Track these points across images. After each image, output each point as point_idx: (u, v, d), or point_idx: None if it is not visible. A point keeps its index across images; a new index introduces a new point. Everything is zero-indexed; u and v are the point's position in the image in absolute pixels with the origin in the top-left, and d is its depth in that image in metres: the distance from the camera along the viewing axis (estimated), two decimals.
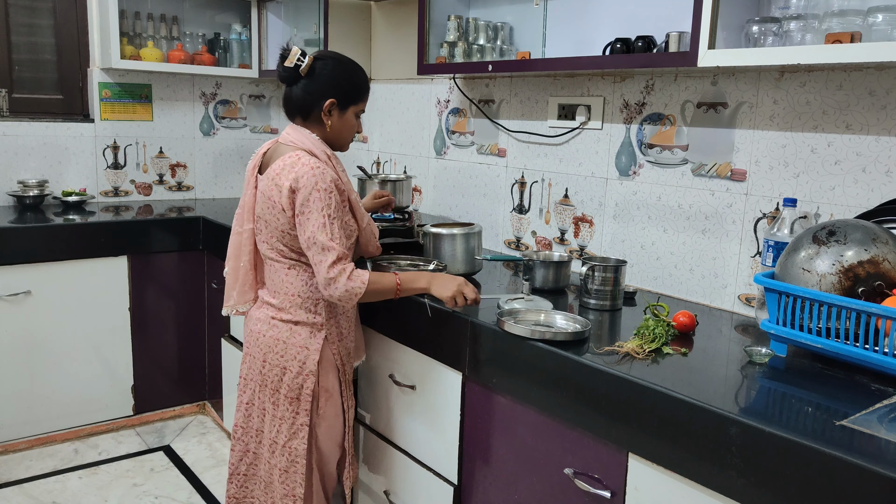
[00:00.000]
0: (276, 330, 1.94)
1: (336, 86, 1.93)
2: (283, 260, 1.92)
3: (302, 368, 1.92)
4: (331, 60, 1.95)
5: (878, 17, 1.52)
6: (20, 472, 2.93)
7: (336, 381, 1.97)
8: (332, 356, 1.96)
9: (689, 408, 1.35)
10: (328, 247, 1.79)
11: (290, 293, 1.92)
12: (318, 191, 1.80)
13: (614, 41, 2.11)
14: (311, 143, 1.91)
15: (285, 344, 1.93)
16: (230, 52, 3.84)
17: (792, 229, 1.75)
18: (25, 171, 3.45)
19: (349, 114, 1.96)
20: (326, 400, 1.97)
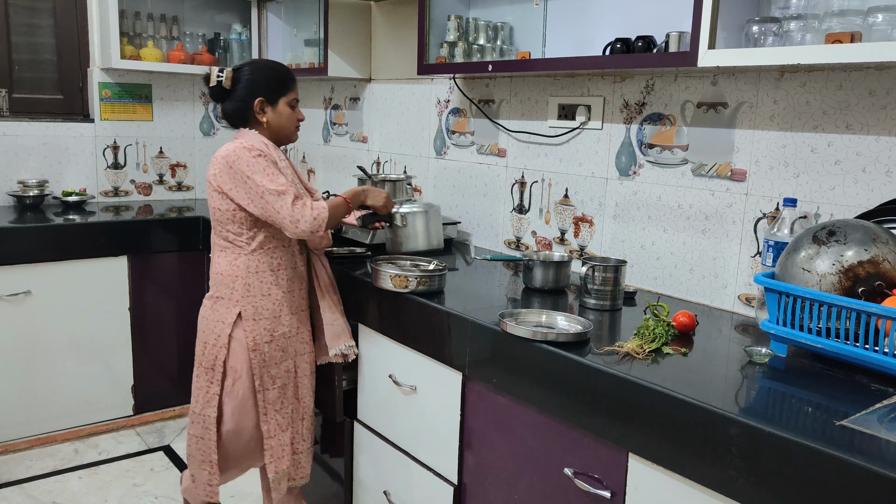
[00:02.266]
0: (205, 308, 2.14)
1: (259, 85, 2.10)
2: (217, 243, 2.12)
3: (216, 341, 2.08)
4: (247, 66, 2.14)
5: (878, 17, 1.52)
6: (20, 472, 2.93)
7: (245, 364, 2.07)
8: (243, 337, 2.06)
9: (689, 408, 1.35)
10: (282, 191, 1.96)
11: (216, 271, 2.11)
12: (251, 156, 1.99)
13: (614, 41, 2.11)
14: (254, 139, 2.07)
15: (207, 319, 2.11)
16: (230, 52, 3.84)
17: (792, 229, 1.75)
18: (25, 171, 3.45)
19: (281, 106, 2.12)
20: (234, 380, 2.08)
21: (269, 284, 2.09)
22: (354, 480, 2.39)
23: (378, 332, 2.19)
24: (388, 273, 2.04)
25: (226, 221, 2.06)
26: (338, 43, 3.23)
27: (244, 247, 2.07)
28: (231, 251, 2.08)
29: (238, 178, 1.99)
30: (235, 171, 1.99)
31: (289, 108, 2.14)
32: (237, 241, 2.07)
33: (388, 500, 2.21)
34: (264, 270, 2.08)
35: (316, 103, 3.82)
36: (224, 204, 2.04)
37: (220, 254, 2.11)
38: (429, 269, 2.15)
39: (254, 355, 2.07)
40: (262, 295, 2.08)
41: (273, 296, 2.09)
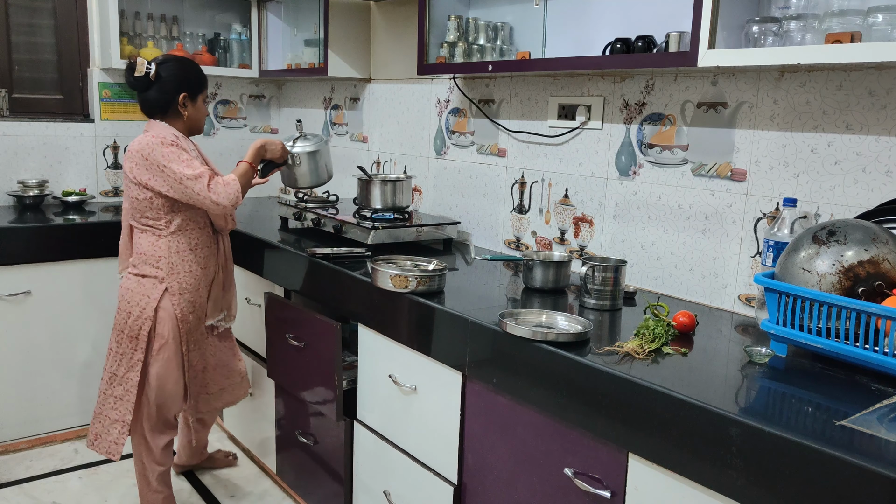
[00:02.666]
0: (128, 282, 2.38)
1: (184, 81, 2.34)
2: (137, 227, 2.36)
3: (142, 313, 2.33)
4: (171, 62, 2.35)
5: (878, 17, 1.52)
6: (20, 472, 2.93)
7: (173, 329, 2.36)
8: (171, 307, 2.35)
9: (689, 408, 1.35)
10: (197, 175, 2.19)
11: (139, 252, 2.36)
12: (165, 147, 2.21)
13: (614, 41, 2.11)
14: (165, 131, 2.30)
15: (132, 292, 2.35)
16: (230, 52, 3.84)
17: (792, 229, 1.75)
18: (25, 171, 3.45)
19: (199, 102, 2.40)
20: (161, 345, 2.35)
21: (189, 262, 2.38)
22: (354, 480, 2.39)
23: (378, 332, 2.19)
24: (388, 273, 2.04)
25: (144, 209, 2.30)
26: (338, 43, 3.23)
27: (164, 230, 2.33)
28: (151, 233, 2.34)
29: (155, 169, 2.21)
30: (151, 162, 2.21)
31: (203, 104, 2.43)
32: (157, 225, 2.32)
33: (388, 500, 2.21)
34: (184, 251, 2.36)
35: (316, 103, 3.82)
36: (141, 193, 2.27)
37: (141, 235, 2.36)
38: (429, 269, 2.15)
39: (181, 324, 2.38)
40: (184, 272, 2.37)
41: (193, 272, 2.39)
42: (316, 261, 2.44)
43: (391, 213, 2.72)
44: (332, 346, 2.29)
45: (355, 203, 2.89)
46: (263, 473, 3.00)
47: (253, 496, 2.83)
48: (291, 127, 4.05)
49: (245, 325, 3.02)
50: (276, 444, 2.80)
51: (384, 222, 2.61)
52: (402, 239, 2.62)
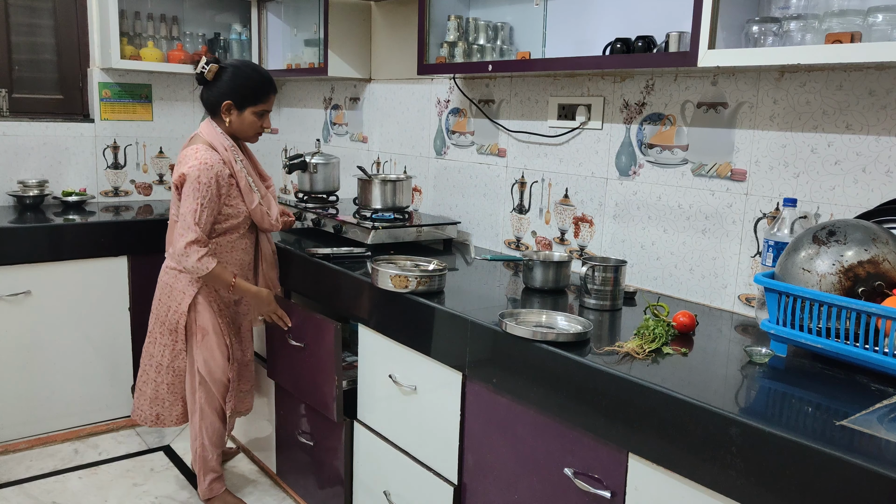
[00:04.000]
0: (167, 276, 2.48)
1: (232, 90, 2.38)
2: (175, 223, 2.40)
3: (178, 307, 2.45)
4: (231, 68, 2.40)
5: (878, 17, 1.52)
6: (20, 472, 2.93)
7: (213, 322, 2.46)
8: (207, 302, 2.45)
9: (689, 408, 1.35)
10: (192, 228, 2.27)
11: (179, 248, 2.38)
12: (198, 182, 2.27)
13: (614, 41, 2.11)
14: (214, 137, 2.38)
15: (171, 287, 2.46)
16: (230, 52, 3.84)
17: (792, 229, 1.75)
18: (25, 171, 3.45)
19: (247, 113, 2.41)
20: (203, 336, 2.47)
21: (224, 263, 2.42)
22: (354, 480, 2.39)
23: (378, 332, 2.19)
24: (388, 273, 2.04)
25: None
26: (338, 43, 3.23)
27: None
28: None
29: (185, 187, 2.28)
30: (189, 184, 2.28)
31: (254, 116, 2.42)
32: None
33: (388, 500, 2.21)
34: (224, 252, 2.43)
35: (316, 103, 3.82)
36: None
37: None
38: (429, 270, 2.15)
39: (221, 318, 2.48)
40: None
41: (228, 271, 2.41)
42: (316, 261, 2.44)
43: (391, 213, 2.72)
44: (332, 347, 2.29)
45: (355, 203, 2.90)
46: (263, 473, 3.00)
47: (253, 496, 2.83)
48: (291, 127, 4.05)
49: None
50: (276, 444, 2.80)
51: (384, 222, 2.61)
52: (402, 239, 2.62)
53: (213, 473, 2.65)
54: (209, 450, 2.60)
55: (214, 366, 2.50)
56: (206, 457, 2.61)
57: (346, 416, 2.37)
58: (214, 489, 2.66)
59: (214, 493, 2.66)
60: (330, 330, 2.30)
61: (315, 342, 2.39)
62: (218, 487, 2.67)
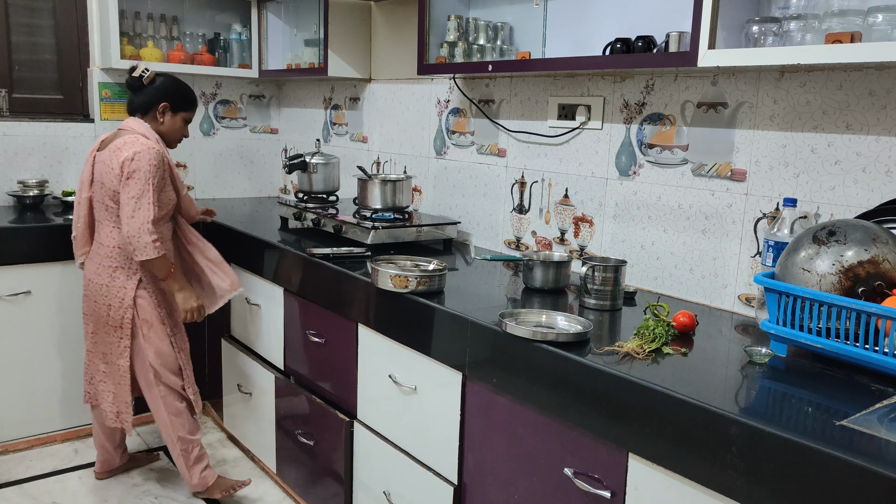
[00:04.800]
0: (102, 276, 2.52)
1: (171, 94, 2.56)
2: (109, 219, 2.49)
3: (121, 303, 2.50)
4: (170, 77, 2.61)
5: (878, 17, 1.52)
6: (20, 472, 2.93)
7: (155, 313, 2.53)
8: (148, 295, 2.52)
9: (689, 408, 1.35)
10: (148, 208, 2.36)
11: (110, 245, 2.50)
12: (150, 165, 2.38)
13: (614, 41, 2.11)
14: (147, 131, 2.50)
15: (108, 286, 2.51)
16: (230, 52, 3.84)
17: (792, 229, 1.75)
18: (25, 171, 3.45)
19: (178, 117, 2.59)
20: (149, 328, 2.53)
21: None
22: (354, 480, 2.39)
23: (378, 332, 2.19)
24: (388, 273, 2.04)
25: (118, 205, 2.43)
26: (338, 43, 3.23)
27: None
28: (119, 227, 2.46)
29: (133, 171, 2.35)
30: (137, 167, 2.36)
31: (182, 122, 2.61)
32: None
33: (388, 501, 2.21)
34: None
35: (316, 103, 3.82)
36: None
37: (113, 229, 2.49)
38: (429, 270, 2.15)
39: (160, 310, 2.55)
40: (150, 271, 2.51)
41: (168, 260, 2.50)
42: (316, 261, 2.44)
43: (391, 213, 2.72)
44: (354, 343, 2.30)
45: (355, 203, 2.90)
46: (263, 473, 3.00)
47: (253, 496, 2.83)
48: (291, 127, 4.05)
49: (245, 325, 3.02)
50: (276, 444, 2.80)
51: (384, 222, 2.62)
52: (402, 239, 2.62)
53: (201, 462, 2.65)
54: (188, 440, 2.62)
55: (166, 355, 2.56)
56: (188, 448, 2.62)
57: (346, 415, 2.37)
58: (207, 477, 2.66)
59: (209, 481, 2.66)
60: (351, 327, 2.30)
61: (336, 338, 2.40)
62: (211, 475, 2.67)
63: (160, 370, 2.55)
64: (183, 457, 2.63)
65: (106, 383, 2.62)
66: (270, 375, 2.78)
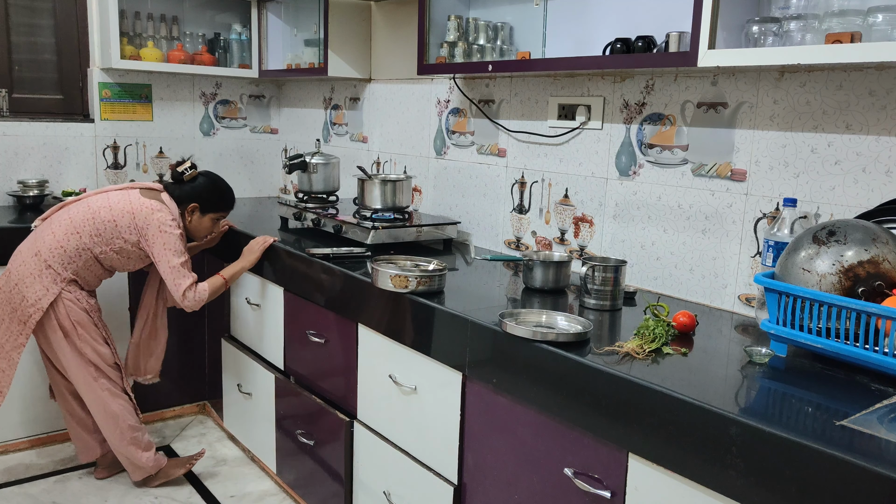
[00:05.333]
0: (29, 267, 2.53)
1: (202, 196, 2.67)
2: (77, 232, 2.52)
3: (35, 303, 2.52)
4: (207, 177, 2.71)
5: (878, 17, 1.52)
6: (20, 472, 2.93)
7: (84, 315, 2.58)
8: (75, 299, 2.56)
9: (689, 408, 1.35)
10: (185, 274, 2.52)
11: (58, 244, 2.52)
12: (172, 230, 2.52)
13: (614, 41, 2.11)
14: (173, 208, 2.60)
15: (33, 278, 2.52)
16: (230, 52, 3.84)
17: (792, 229, 1.75)
18: (25, 171, 3.45)
19: (207, 218, 2.71)
20: (83, 328, 2.58)
21: (95, 278, 2.64)
22: (354, 480, 2.39)
23: (378, 332, 2.19)
24: (388, 273, 2.04)
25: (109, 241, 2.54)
26: (338, 43, 3.23)
27: (99, 256, 2.57)
28: (82, 246, 2.54)
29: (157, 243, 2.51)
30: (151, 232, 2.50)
31: (210, 221, 2.72)
32: (96, 249, 2.55)
33: (388, 501, 2.21)
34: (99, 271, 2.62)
35: (316, 103, 3.82)
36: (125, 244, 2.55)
37: (72, 236, 2.52)
38: (429, 270, 2.15)
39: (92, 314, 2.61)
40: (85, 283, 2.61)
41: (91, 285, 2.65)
42: (316, 261, 2.44)
43: (391, 213, 2.72)
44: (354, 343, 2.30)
45: (355, 203, 2.90)
46: (263, 473, 3.00)
47: (253, 496, 2.83)
48: (291, 127, 4.05)
49: (245, 325, 3.02)
50: (276, 444, 2.80)
51: (384, 222, 2.62)
52: (402, 239, 2.62)
53: (151, 448, 2.74)
54: (137, 428, 2.69)
55: (103, 351, 2.62)
56: (138, 436, 2.69)
57: (346, 415, 2.37)
58: (160, 459, 2.76)
59: (162, 462, 2.77)
60: (351, 327, 2.30)
61: (336, 338, 2.40)
62: (162, 457, 2.78)
63: (101, 366, 2.61)
64: (134, 445, 2.69)
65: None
66: (270, 375, 2.78)
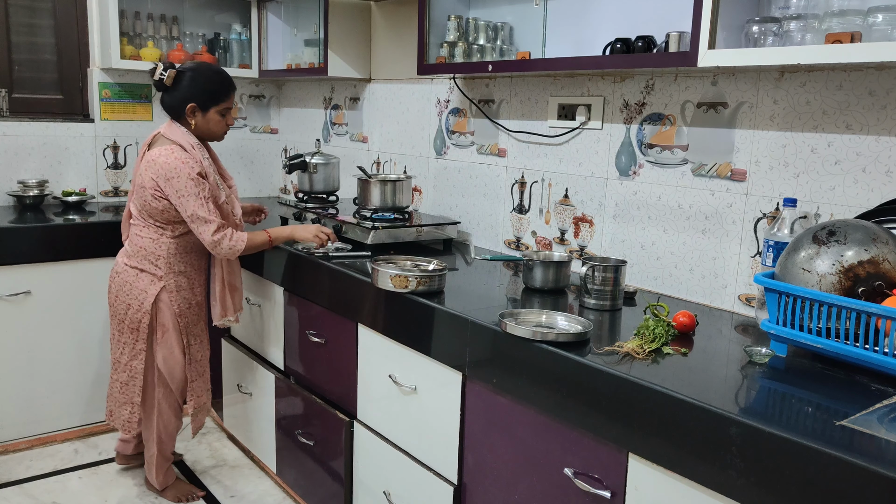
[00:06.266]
0: (126, 275, 2.53)
1: (194, 92, 2.45)
2: (140, 221, 2.50)
3: (141, 306, 2.50)
4: (189, 72, 2.46)
5: (878, 17, 1.52)
6: (20, 472, 2.93)
7: (173, 320, 2.54)
8: (169, 301, 2.52)
9: (689, 408, 1.35)
10: (208, 220, 2.38)
11: (139, 246, 2.51)
12: (190, 179, 2.36)
13: (614, 41, 2.11)
14: (180, 137, 2.43)
15: (131, 286, 2.52)
16: (230, 52, 3.84)
17: (792, 229, 1.75)
18: (25, 171, 3.45)
19: (211, 113, 2.49)
20: (163, 333, 2.54)
21: (185, 264, 2.55)
22: (354, 480, 2.39)
23: (378, 332, 2.19)
24: (388, 273, 2.04)
25: (154, 213, 2.45)
26: (338, 43, 3.23)
27: (168, 232, 2.49)
28: (154, 230, 2.49)
29: (173, 193, 2.37)
30: (173, 186, 2.36)
31: (218, 115, 2.50)
32: (163, 226, 2.48)
33: (388, 500, 2.21)
34: (182, 252, 2.53)
35: (316, 103, 3.82)
36: (157, 202, 2.41)
37: (143, 230, 2.50)
38: (429, 270, 2.15)
39: (180, 319, 2.55)
40: (179, 272, 2.53)
41: (188, 273, 2.56)
42: (316, 261, 2.44)
43: (391, 213, 2.72)
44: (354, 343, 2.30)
45: (355, 203, 2.89)
46: (263, 473, 3.00)
47: (253, 496, 2.83)
48: (291, 127, 4.05)
49: (246, 325, 3.02)
50: (276, 444, 2.80)
51: (384, 222, 2.62)
52: (402, 239, 2.62)
53: (168, 463, 2.76)
54: (166, 443, 2.70)
55: (173, 363, 2.58)
56: (164, 449, 2.71)
57: (346, 415, 2.37)
58: (169, 477, 2.78)
59: (170, 482, 2.78)
60: (351, 327, 2.30)
61: (336, 338, 2.40)
62: (172, 475, 2.79)
63: (164, 375, 2.58)
64: (158, 455, 2.70)
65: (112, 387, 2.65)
66: (270, 375, 2.78)
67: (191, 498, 2.77)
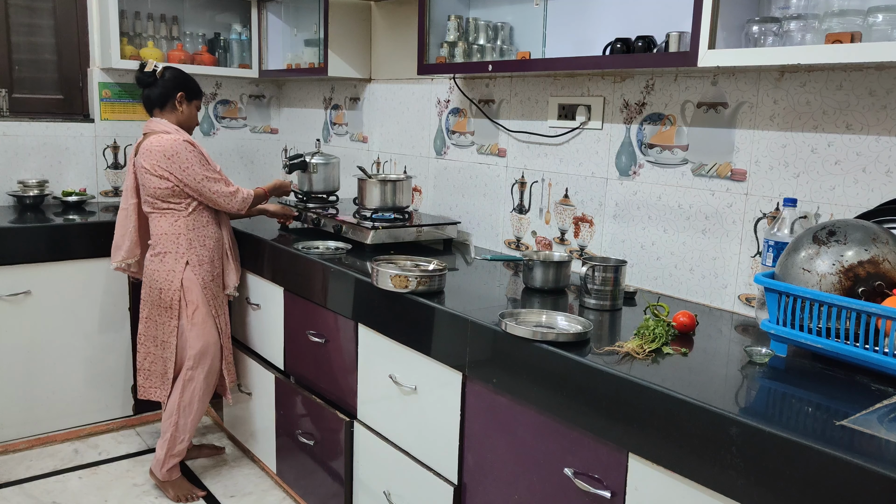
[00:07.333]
0: (152, 263, 2.69)
1: (182, 84, 2.73)
2: (154, 211, 2.67)
3: (170, 286, 2.66)
4: (176, 69, 2.78)
5: (878, 17, 1.52)
6: (20, 472, 2.93)
7: (201, 295, 2.69)
8: (194, 277, 2.67)
9: (689, 408, 1.35)
10: (218, 178, 2.64)
11: (160, 232, 2.66)
12: (189, 152, 2.58)
13: (614, 41, 2.11)
14: (168, 126, 2.66)
15: (158, 272, 2.67)
16: (230, 52, 3.84)
17: (792, 229, 1.75)
18: (25, 171, 3.45)
19: (194, 104, 2.78)
20: (194, 310, 2.68)
21: (204, 237, 2.70)
22: (354, 480, 2.39)
23: (378, 332, 2.19)
24: (388, 273, 2.04)
25: (166, 196, 2.61)
26: (338, 43, 3.23)
27: (183, 210, 2.65)
28: (171, 214, 2.65)
29: (177, 169, 2.56)
30: (174, 162, 2.56)
31: (195, 109, 2.80)
32: (177, 207, 2.64)
33: (388, 501, 2.21)
34: (199, 227, 2.68)
35: (316, 103, 3.82)
36: (163, 183, 2.58)
37: (161, 218, 2.65)
38: (429, 270, 2.15)
39: (206, 291, 2.70)
40: (200, 246, 2.69)
41: (207, 245, 2.71)
42: (316, 261, 2.44)
43: (391, 213, 2.72)
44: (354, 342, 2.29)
45: (355, 203, 2.90)
46: (263, 473, 3.00)
47: (253, 496, 2.83)
48: (291, 127, 4.05)
49: (245, 325, 3.02)
50: (276, 444, 2.80)
51: (384, 222, 2.62)
52: (402, 239, 2.62)
53: (177, 458, 2.79)
54: (182, 430, 2.73)
55: (209, 337, 2.71)
56: (178, 437, 2.74)
57: (346, 415, 2.37)
58: (174, 473, 2.80)
59: (173, 478, 2.80)
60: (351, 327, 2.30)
61: (336, 338, 2.40)
62: (176, 472, 2.81)
63: (202, 352, 2.69)
64: (169, 442, 2.73)
65: (155, 363, 2.76)
66: (270, 375, 2.78)
67: (191, 498, 2.78)
